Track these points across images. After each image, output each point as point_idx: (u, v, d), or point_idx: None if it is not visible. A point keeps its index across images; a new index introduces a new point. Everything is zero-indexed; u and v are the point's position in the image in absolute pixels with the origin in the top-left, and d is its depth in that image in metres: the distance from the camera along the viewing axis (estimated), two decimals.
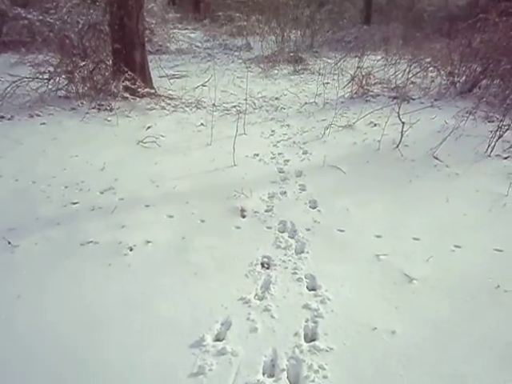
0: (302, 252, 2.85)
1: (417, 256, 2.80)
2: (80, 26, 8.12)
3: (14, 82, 5.76)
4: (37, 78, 6.00)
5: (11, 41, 8.70)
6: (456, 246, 2.91)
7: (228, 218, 3.24)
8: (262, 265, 2.73)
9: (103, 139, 4.87)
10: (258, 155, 4.50)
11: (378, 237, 3.02)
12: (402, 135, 4.55)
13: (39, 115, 5.43)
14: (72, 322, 2.21)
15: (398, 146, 4.53)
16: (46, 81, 5.98)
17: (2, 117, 5.25)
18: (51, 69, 6.20)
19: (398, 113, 4.69)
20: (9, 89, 5.70)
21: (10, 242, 2.82)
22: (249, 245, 2.92)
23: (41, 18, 9.52)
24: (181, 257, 2.77)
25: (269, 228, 3.13)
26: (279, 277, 2.60)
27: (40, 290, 2.45)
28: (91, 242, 2.88)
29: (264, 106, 6.60)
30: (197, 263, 2.70)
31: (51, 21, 9.11)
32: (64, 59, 6.17)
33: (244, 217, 3.27)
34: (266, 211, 3.36)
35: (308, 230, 3.10)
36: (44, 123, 5.23)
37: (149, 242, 2.91)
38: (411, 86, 7.23)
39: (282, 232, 3.10)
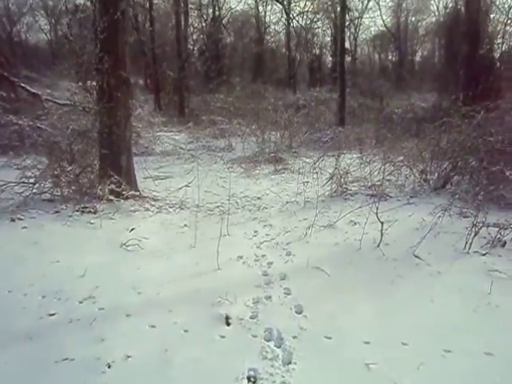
0: (290, 363, 2.74)
1: (407, 363, 2.71)
2: (69, 131, 8.52)
3: None
4: (22, 182, 6.10)
5: (0, 145, 8.96)
6: (446, 351, 2.85)
7: (212, 327, 3.14)
8: (249, 379, 2.60)
9: (86, 243, 4.84)
10: (241, 257, 4.50)
11: (367, 343, 2.94)
12: (381, 234, 4.67)
13: (21, 219, 5.41)
14: None
15: (378, 245, 4.62)
16: (31, 185, 6.07)
17: None
18: (38, 173, 6.33)
19: (376, 213, 4.86)
20: None
21: None
22: (234, 356, 2.79)
23: (31, 123, 9.96)
24: (163, 373, 2.62)
25: (254, 336, 3.03)
26: None
27: None
28: (66, 359, 2.72)
29: (247, 206, 6.75)
30: (180, 380, 2.56)
31: (42, 126, 9.52)
32: (51, 164, 6.34)
33: (229, 324, 3.18)
34: (251, 318, 3.28)
35: (295, 337, 3.01)
36: (25, 227, 5.19)
37: (129, 356, 2.76)
38: (387, 183, 7.59)
39: (268, 341, 3.00)
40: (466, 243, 4.59)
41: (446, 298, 3.57)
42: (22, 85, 12.06)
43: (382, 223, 4.72)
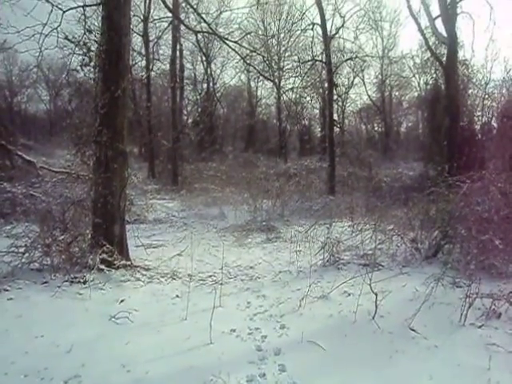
0: None
1: None
2: (62, 199, 8.58)
3: None
4: (12, 251, 6.02)
5: None
6: None
7: None
8: None
9: (73, 315, 4.69)
10: (234, 331, 4.38)
11: None
12: (376, 307, 4.61)
13: (7, 290, 5.25)
14: None
15: (373, 318, 4.54)
16: (20, 254, 5.99)
17: None
18: (28, 241, 6.27)
19: (370, 285, 4.84)
20: None
21: None
22: None
23: (24, 191, 10.03)
24: None
25: None
26: None
27: None
28: None
29: (239, 276, 6.68)
30: None
31: (35, 194, 9.59)
32: (43, 232, 6.31)
33: None
34: None
35: None
36: (11, 298, 5.04)
37: None
38: (378, 252, 7.60)
39: None
40: (461, 315, 4.54)
41: (445, 374, 3.47)
42: (19, 153, 12.34)
43: (376, 295, 4.68)
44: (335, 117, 21.94)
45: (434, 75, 22.74)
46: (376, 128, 36.08)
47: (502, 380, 3.35)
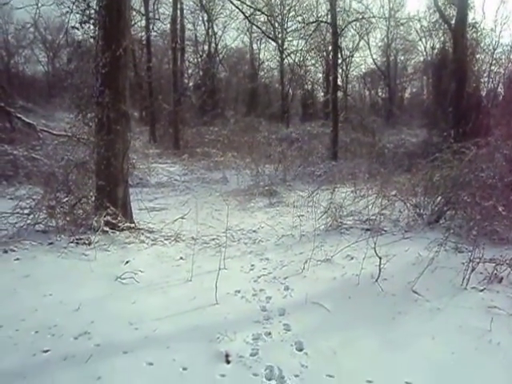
0: None
1: None
2: (64, 161, 8.53)
3: None
4: (16, 212, 6.03)
5: None
6: None
7: (212, 365, 3.06)
8: None
9: (80, 275, 4.75)
10: (239, 292, 4.44)
11: (370, 382, 2.88)
12: (380, 270, 4.65)
13: (14, 250, 5.31)
14: None
15: (377, 280, 4.59)
16: (25, 216, 6.01)
17: None
18: (32, 203, 6.28)
19: (374, 248, 4.87)
20: None
21: None
22: None
23: (26, 153, 9.97)
24: None
25: (255, 375, 2.96)
26: None
27: None
28: None
29: (242, 239, 6.73)
30: None
31: (37, 157, 9.52)
32: (47, 194, 6.31)
33: (228, 362, 3.10)
34: (251, 355, 3.20)
35: (296, 376, 2.95)
36: (18, 259, 5.10)
37: None
38: (381, 217, 7.62)
39: (270, 379, 2.92)
40: (464, 279, 4.59)
41: (447, 335, 3.53)
42: (18, 115, 12.16)
43: (380, 258, 4.72)
44: (339, 81, 21.47)
45: (442, 39, 22.14)
46: (380, 94, 35.43)
47: (503, 341, 3.41)
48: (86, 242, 5.74)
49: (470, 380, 2.91)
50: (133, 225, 6.49)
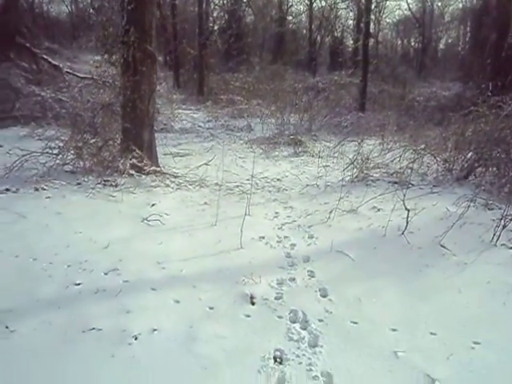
0: (316, 346, 2.71)
1: (436, 353, 2.67)
2: (89, 104, 8.52)
3: (23, 156, 5.87)
4: (46, 152, 6.11)
5: (22, 115, 8.98)
6: (475, 343, 2.79)
7: (237, 305, 3.12)
8: (275, 359, 2.58)
9: (108, 215, 4.84)
10: (263, 238, 4.46)
11: (394, 330, 2.90)
12: (407, 222, 4.58)
13: (45, 189, 5.43)
14: None
15: (403, 233, 4.54)
16: (54, 155, 6.09)
17: (8, 189, 5.24)
18: (61, 144, 6.36)
19: (403, 200, 4.77)
20: (17, 162, 5.79)
21: (7, 327, 2.66)
22: (260, 336, 2.78)
23: (53, 95, 9.98)
24: (189, 348, 2.62)
25: (280, 317, 3.01)
26: (294, 374, 2.45)
27: (34, 381, 2.26)
28: (94, 328, 2.73)
29: (266, 187, 6.70)
30: (206, 356, 2.55)
31: (63, 98, 9.52)
32: (74, 135, 6.34)
33: (253, 304, 3.16)
34: (275, 299, 3.25)
35: (320, 320, 2.98)
36: (49, 197, 5.22)
37: (155, 330, 2.76)
38: (409, 171, 7.44)
39: (294, 322, 2.97)
40: (494, 235, 4.48)
41: (474, 289, 3.49)
42: (44, 56, 12.08)
43: (409, 210, 4.63)
44: (371, 28, 20.35)
45: None
46: (412, 43, 33.67)
47: None
48: (113, 183, 5.81)
49: (497, 334, 2.89)
50: (158, 169, 6.51)
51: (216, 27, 21.94)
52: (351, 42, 29.23)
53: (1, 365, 2.39)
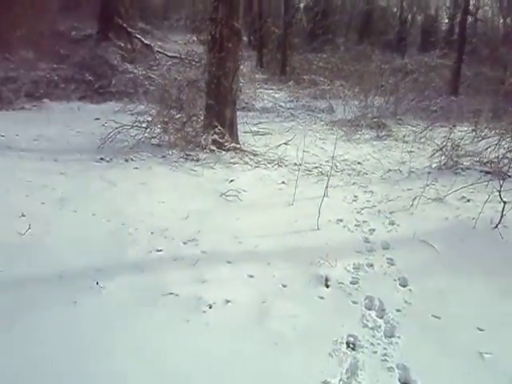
0: (393, 336, 2.59)
1: None
2: (177, 81, 8.83)
3: (116, 128, 6.28)
4: (136, 126, 6.48)
5: (117, 91, 9.63)
6: None
7: (311, 286, 3.08)
8: (348, 344, 2.51)
9: (188, 188, 5.03)
10: (341, 221, 4.35)
11: (480, 330, 2.68)
12: (502, 215, 4.18)
13: (133, 160, 5.78)
14: (142, 375, 2.14)
15: (496, 226, 4.16)
16: (143, 129, 6.44)
17: (102, 159, 5.68)
18: (149, 118, 6.69)
19: (499, 191, 4.37)
20: (111, 134, 6.21)
21: (97, 283, 2.87)
22: (333, 319, 2.72)
23: (144, 72, 10.52)
24: (261, 322, 2.64)
25: (354, 303, 2.92)
26: (367, 362, 2.36)
27: (119, 335, 2.43)
28: (172, 293, 2.85)
29: (346, 170, 6.49)
30: (277, 332, 2.55)
31: (153, 76, 9.99)
32: (161, 111, 6.63)
33: (328, 287, 3.10)
34: (351, 283, 3.16)
35: (398, 311, 2.84)
36: (136, 168, 5.55)
37: (228, 301, 2.82)
38: (505, 160, 6.78)
39: (369, 309, 2.86)
40: None
41: None
42: (138, 36, 12.74)
43: (505, 203, 4.22)
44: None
45: None
46: None
47: None
48: (195, 158, 6.01)
49: None
50: (238, 146, 6.59)
51: (302, 5, 21.50)
52: (446, 20, 27.07)
53: (92, 317, 2.59)
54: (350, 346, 2.50)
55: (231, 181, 5.39)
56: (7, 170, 5.03)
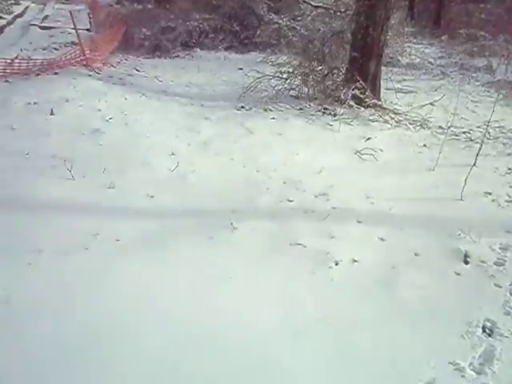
0: None
1: None
2: (320, 33, 8.55)
3: (258, 78, 6.43)
4: (277, 76, 6.54)
5: (261, 42, 9.79)
6: None
7: (447, 260, 2.85)
8: (484, 329, 2.29)
9: (323, 142, 4.97)
10: (490, 194, 3.87)
11: None
12: None
13: (271, 110, 5.90)
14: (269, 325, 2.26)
15: None
16: (283, 80, 6.47)
17: (243, 107, 5.93)
18: (290, 70, 6.68)
19: None
20: (253, 83, 6.39)
21: (232, 223, 3.07)
22: (469, 299, 2.50)
23: (288, 23, 10.40)
24: (387, 288, 2.56)
25: (497, 286, 2.63)
26: (505, 351, 2.13)
27: (249, 277, 2.59)
28: (300, 244, 2.92)
29: (501, 138, 5.71)
30: (404, 301, 2.46)
31: (297, 27, 9.83)
32: (303, 62, 6.56)
33: (467, 263, 2.83)
34: (495, 264, 2.84)
35: None
36: (274, 118, 5.65)
37: (356, 261, 2.78)
38: None
39: None
40: None
41: None
42: None
43: None
44: None
45: None
46: None
47: None
48: (332, 112, 5.88)
49: None
50: (379, 103, 6.22)
51: None
52: None
53: (225, 252, 2.80)
54: (487, 331, 2.28)
55: (368, 139, 5.17)
56: (162, 113, 5.58)
